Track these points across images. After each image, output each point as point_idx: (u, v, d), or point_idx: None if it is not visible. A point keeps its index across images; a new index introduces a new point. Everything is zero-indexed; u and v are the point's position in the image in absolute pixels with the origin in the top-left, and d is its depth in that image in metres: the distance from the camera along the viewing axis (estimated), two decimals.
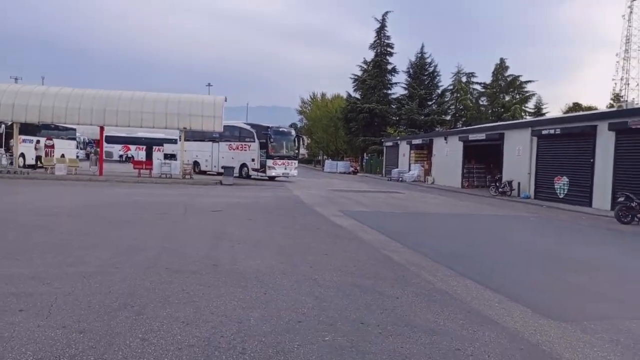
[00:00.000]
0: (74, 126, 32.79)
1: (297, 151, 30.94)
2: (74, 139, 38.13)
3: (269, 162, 27.44)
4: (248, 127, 29.48)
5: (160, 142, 47.97)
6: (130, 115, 23.02)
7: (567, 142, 20.95)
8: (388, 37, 54.29)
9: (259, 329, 4.23)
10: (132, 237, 8.19)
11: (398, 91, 55.39)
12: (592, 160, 19.10)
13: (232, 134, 30.23)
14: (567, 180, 20.68)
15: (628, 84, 65.53)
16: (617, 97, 54.29)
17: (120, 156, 49.46)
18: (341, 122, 56.14)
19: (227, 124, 31.99)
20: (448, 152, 32.06)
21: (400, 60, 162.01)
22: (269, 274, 6.18)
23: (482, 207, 18.14)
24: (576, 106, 49.30)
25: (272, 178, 27.85)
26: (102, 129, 24.59)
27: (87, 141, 52.22)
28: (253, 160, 28.21)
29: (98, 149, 27.31)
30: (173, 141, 47.98)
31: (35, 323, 4.11)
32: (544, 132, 22.18)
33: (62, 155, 27.74)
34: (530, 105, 50.72)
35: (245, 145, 28.92)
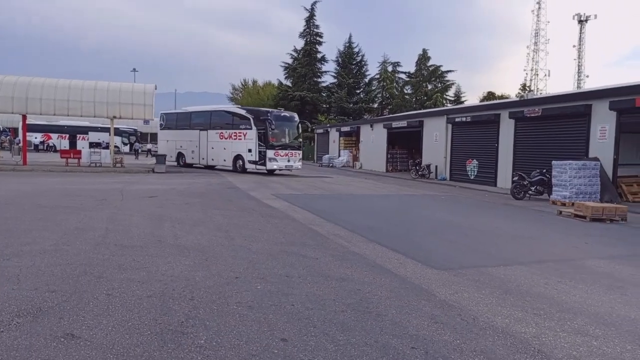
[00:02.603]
0: None
1: (300, 140, 26.96)
2: None
3: (270, 153, 23.69)
4: (243, 112, 25.39)
5: (84, 130, 46.26)
6: (55, 103, 22.48)
7: (477, 128, 23.32)
8: (317, 27, 55.76)
9: (204, 284, 5.25)
10: (76, 220, 8.76)
11: (328, 80, 57.20)
12: (496, 145, 21.55)
13: (222, 121, 26.28)
14: (477, 163, 23.12)
15: (537, 75, 71.58)
16: (523, 87, 59.35)
17: (40, 144, 47.15)
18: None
19: (217, 108, 27.80)
20: (374, 139, 34.03)
21: (330, 49, 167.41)
22: (209, 245, 7.16)
23: (403, 189, 19.97)
24: (490, 95, 53.40)
25: (271, 171, 24.44)
26: (24, 117, 23.79)
27: (0, 129, 49.26)
28: (250, 151, 24.26)
29: (15, 138, 26.19)
30: (99, 129, 46.47)
31: (9, 287, 4.84)
32: (457, 119, 24.46)
33: None
34: (451, 93, 54.42)
35: (240, 133, 24.88)
